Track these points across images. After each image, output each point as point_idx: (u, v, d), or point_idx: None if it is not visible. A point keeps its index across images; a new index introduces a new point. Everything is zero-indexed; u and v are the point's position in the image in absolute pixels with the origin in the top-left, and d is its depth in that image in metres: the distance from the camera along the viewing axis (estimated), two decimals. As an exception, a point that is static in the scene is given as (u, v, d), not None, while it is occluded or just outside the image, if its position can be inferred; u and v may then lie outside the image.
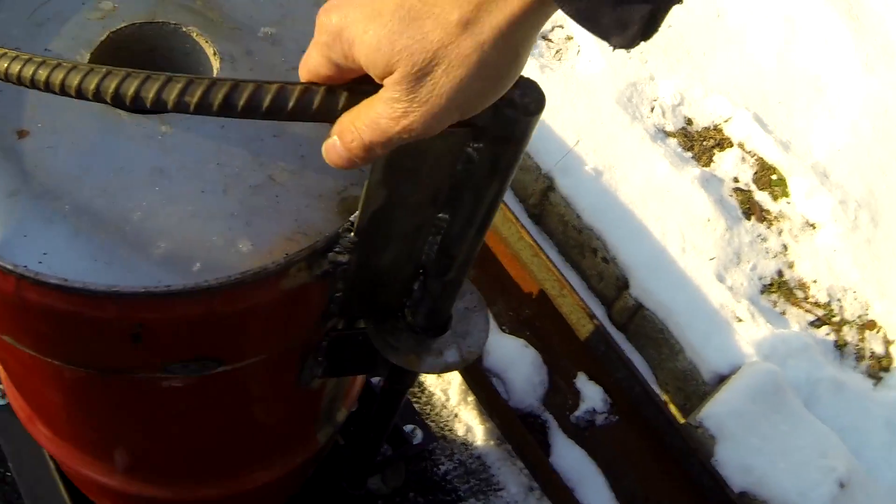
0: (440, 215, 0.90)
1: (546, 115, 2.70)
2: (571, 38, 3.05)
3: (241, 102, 0.73)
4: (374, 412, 1.39)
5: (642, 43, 0.61)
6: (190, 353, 1.00)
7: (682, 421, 2.13)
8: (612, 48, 0.63)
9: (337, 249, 0.95)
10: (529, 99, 0.73)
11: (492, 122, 0.74)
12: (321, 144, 0.77)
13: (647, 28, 0.61)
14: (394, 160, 0.78)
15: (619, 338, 2.36)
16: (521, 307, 2.41)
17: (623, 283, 2.42)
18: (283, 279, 0.94)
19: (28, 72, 0.82)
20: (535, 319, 2.38)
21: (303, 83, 0.73)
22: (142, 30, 1.12)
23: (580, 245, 2.53)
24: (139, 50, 1.09)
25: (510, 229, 2.34)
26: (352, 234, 0.93)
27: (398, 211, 0.88)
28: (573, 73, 2.89)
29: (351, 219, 0.93)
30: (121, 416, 1.23)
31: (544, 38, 3.04)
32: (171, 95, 0.74)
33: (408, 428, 2.06)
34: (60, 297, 0.91)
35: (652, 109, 2.83)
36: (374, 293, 1.03)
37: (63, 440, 1.44)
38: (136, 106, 0.76)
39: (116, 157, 1.00)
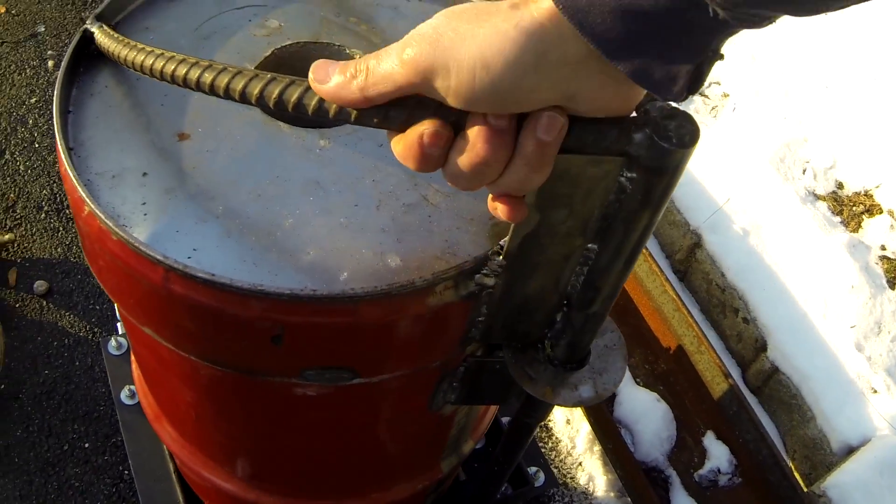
0: (589, 246, 0.89)
1: (698, 172, 2.74)
2: (728, 95, 3.06)
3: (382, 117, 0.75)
4: (502, 445, 1.40)
5: (691, 97, 0.68)
6: (328, 361, 1.01)
7: (805, 489, 2.12)
8: (663, 99, 0.69)
9: (485, 272, 0.95)
10: (685, 131, 0.73)
11: (646, 152, 0.74)
12: None
13: (694, 82, 0.68)
14: (548, 185, 0.78)
15: (751, 401, 2.33)
16: (657, 361, 2.42)
17: (761, 345, 2.41)
18: (429, 296, 0.95)
19: (194, 75, 0.86)
20: (669, 374, 2.38)
21: None
22: (306, 48, 1.18)
23: (722, 304, 2.54)
24: (301, 68, 1.13)
25: (654, 282, 2.36)
26: (500, 257, 0.93)
27: (548, 238, 0.88)
28: (728, 130, 2.89)
29: (501, 243, 0.94)
30: (250, 420, 1.26)
31: (701, 94, 3.06)
32: (312, 102, 0.77)
33: (531, 470, 2.07)
34: (206, 292, 0.93)
35: (804, 171, 2.82)
36: (516, 321, 1.02)
37: (188, 441, 1.49)
38: (297, 112, 0.79)
39: (274, 166, 1.03)
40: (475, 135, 0.71)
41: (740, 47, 3.18)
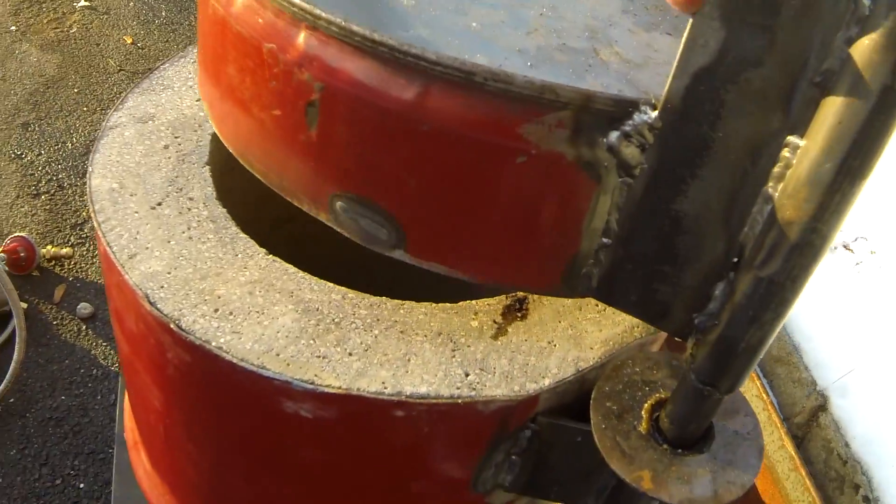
0: (790, 138, 0.55)
1: (833, 328, 2.51)
2: (874, 252, 2.82)
3: None
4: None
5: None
6: (366, 190, 0.79)
7: None
8: None
9: (626, 128, 0.65)
10: None
11: None
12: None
13: None
14: None
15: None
16: (765, 527, 2.16)
17: (881, 533, 2.11)
18: (531, 123, 0.70)
19: None
20: (773, 541, 2.11)
21: None
22: None
23: (841, 478, 2.25)
24: None
25: (772, 435, 2.14)
26: (654, 111, 0.63)
27: (732, 93, 0.55)
28: (869, 287, 2.66)
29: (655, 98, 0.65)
30: (224, 441, 1.01)
31: (845, 246, 2.83)
32: None
33: None
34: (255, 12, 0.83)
35: (951, 345, 2.54)
36: (655, 270, 0.69)
37: (159, 474, 1.30)
38: None
39: None
40: None
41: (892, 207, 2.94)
